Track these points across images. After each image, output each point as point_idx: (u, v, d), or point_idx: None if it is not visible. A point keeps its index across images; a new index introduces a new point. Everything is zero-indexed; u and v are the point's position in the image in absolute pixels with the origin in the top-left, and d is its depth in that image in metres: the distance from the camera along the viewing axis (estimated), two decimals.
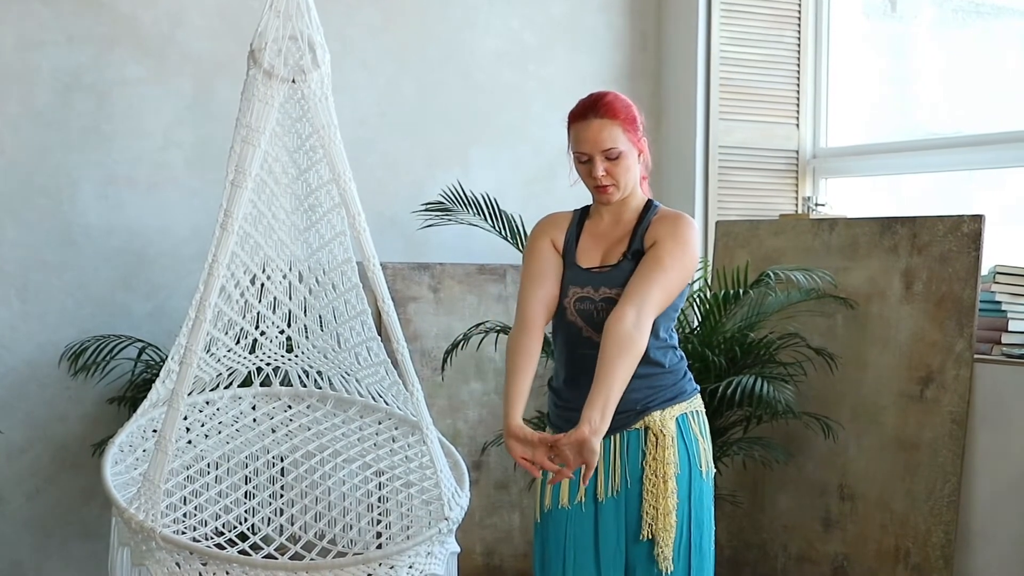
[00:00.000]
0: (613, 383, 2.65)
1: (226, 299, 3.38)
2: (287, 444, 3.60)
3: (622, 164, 2.86)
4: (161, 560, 2.89)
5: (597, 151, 2.84)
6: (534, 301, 2.88)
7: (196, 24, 4.54)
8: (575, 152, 2.89)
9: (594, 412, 2.61)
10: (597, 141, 2.84)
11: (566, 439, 2.61)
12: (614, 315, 2.73)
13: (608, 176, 2.86)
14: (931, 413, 4.15)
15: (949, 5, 5.07)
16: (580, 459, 2.61)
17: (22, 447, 4.35)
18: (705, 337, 4.24)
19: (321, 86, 3.15)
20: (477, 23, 5.02)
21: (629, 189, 2.90)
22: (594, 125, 2.84)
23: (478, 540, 4.67)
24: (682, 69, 5.18)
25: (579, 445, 2.59)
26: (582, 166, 2.89)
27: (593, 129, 2.84)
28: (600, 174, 2.85)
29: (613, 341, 2.69)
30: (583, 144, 2.86)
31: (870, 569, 4.29)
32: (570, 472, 2.64)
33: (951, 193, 4.99)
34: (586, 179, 2.90)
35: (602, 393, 2.64)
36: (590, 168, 2.86)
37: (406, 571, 2.98)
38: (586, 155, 2.86)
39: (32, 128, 4.32)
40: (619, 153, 2.84)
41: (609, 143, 2.83)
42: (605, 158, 2.84)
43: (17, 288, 4.32)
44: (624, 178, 2.87)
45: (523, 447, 2.69)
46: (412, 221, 4.68)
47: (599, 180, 2.86)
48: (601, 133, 2.83)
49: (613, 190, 2.88)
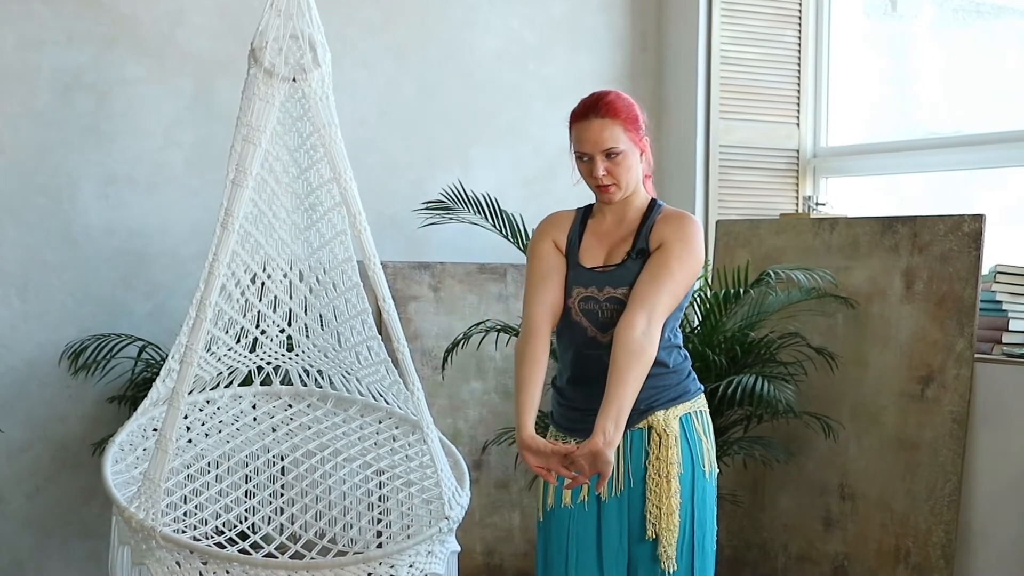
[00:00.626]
0: (626, 392, 2.67)
1: (227, 298, 3.38)
2: (287, 443, 3.60)
3: (623, 164, 2.86)
4: (161, 559, 2.89)
5: (598, 151, 2.84)
6: (539, 307, 2.88)
7: (196, 23, 4.54)
8: (576, 152, 2.88)
9: (608, 422, 2.63)
10: (598, 141, 2.83)
11: (580, 451, 2.64)
12: (624, 322, 2.74)
13: (609, 176, 2.86)
14: (932, 413, 4.14)
15: (949, 5, 5.07)
16: (594, 469, 2.64)
17: (22, 446, 4.35)
18: (706, 336, 4.24)
19: (322, 85, 3.16)
20: (477, 22, 5.02)
21: (631, 188, 2.90)
22: (595, 125, 2.84)
23: (478, 539, 4.67)
24: (682, 68, 5.18)
25: (593, 456, 2.62)
26: (583, 165, 2.88)
27: (594, 129, 2.84)
28: (601, 174, 2.85)
29: (624, 349, 2.70)
30: (584, 144, 2.85)
31: (870, 569, 4.28)
32: (585, 479, 2.67)
33: (952, 193, 4.99)
34: (587, 178, 2.90)
35: (615, 403, 2.65)
36: (591, 168, 2.86)
37: (406, 570, 2.98)
38: (587, 155, 2.86)
39: (32, 128, 4.32)
40: (620, 153, 2.84)
41: (610, 143, 2.83)
42: (606, 157, 2.84)
43: (17, 287, 4.32)
44: (625, 177, 2.87)
45: (537, 458, 2.71)
46: (412, 220, 4.68)
47: (600, 180, 2.86)
48: (602, 133, 2.83)
49: (614, 190, 2.88)
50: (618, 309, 2.82)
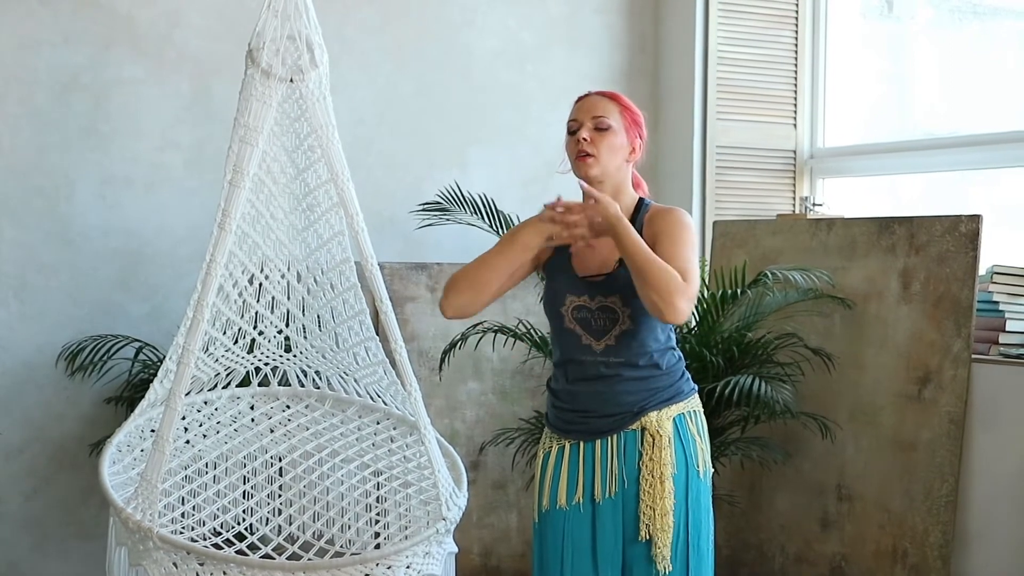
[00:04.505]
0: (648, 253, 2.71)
1: (224, 299, 3.38)
2: (285, 444, 3.60)
3: (608, 139, 2.86)
4: (158, 560, 2.89)
5: (588, 117, 2.87)
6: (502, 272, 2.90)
7: (194, 24, 4.54)
8: (568, 123, 2.91)
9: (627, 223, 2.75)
10: (591, 109, 2.89)
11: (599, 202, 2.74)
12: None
13: (591, 144, 2.85)
14: (929, 413, 4.15)
15: (946, 5, 5.07)
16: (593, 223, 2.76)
17: (19, 447, 4.35)
18: (703, 337, 4.24)
19: (319, 86, 3.16)
20: (475, 23, 5.02)
21: (610, 173, 2.87)
22: (593, 98, 2.92)
23: (476, 540, 4.67)
24: (680, 69, 5.19)
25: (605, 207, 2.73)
26: (570, 137, 2.90)
27: (591, 100, 2.91)
28: (583, 137, 2.85)
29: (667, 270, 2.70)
30: (577, 112, 2.91)
31: (868, 569, 4.29)
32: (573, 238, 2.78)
33: (948, 193, 4.99)
34: (570, 150, 2.90)
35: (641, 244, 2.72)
36: (577, 140, 2.87)
37: (404, 571, 2.98)
38: (577, 122, 2.88)
39: (30, 128, 4.32)
40: (608, 126, 2.86)
41: (601, 111, 2.87)
42: (594, 127, 2.86)
43: (14, 288, 4.31)
44: (607, 155, 2.86)
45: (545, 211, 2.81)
46: (410, 221, 4.68)
47: (581, 146, 2.85)
48: (597, 104, 2.89)
49: (592, 161, 2.86)
50: (611, 317, 2.83)
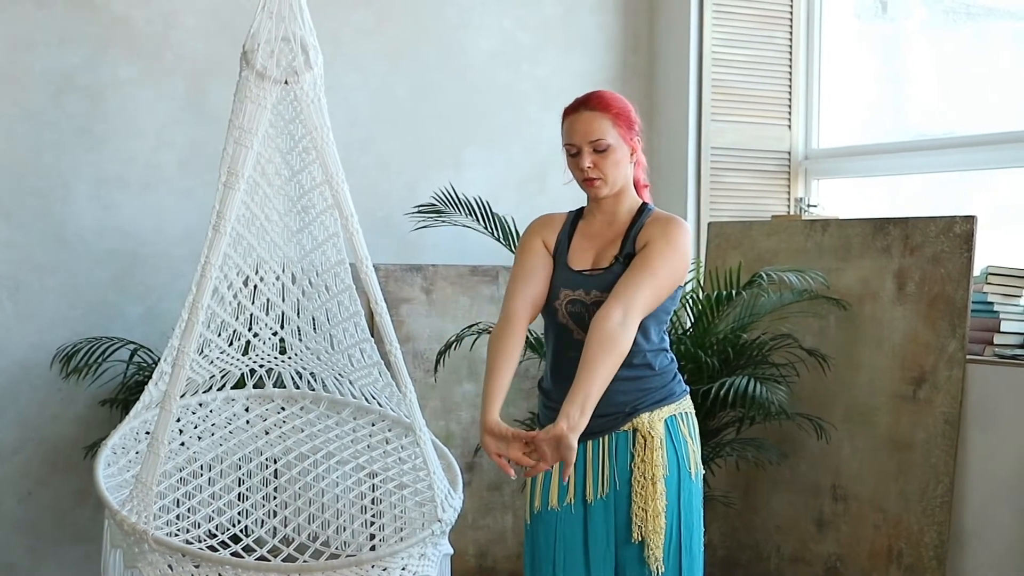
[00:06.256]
0: (594, 381, 2.64)
1: (219, 301, 3.38)
2: (280, 446, 3.59)
3: (610, 158, 2.86)
4: (154, 562, 2.89)
5: (585, 142, 2.85)
6: (520, 299, 2.88)
7: (189, 25, 4.54)
8: (565, 145, 2.90)
9: (573, 408, 2.60)
10: (586, 132, 2.85)
11: (543, 435, 2.60)
12: (600, 313, 2.73)
13: (595, 169, 2.86)
14: (924, 414, 4.15)
15: (940, 6, 5.08)
16: (558, 455, 2.59)
17: (14, 449, 4.34)
18: (698, 338, 4.25)
19: (314, 87, 3.16)
20: (470, 24, 5.02)
21: (618, 185, 2.90)
22: (584, 116, 2.86)
23: (471, 542, 4.66)
24: (674, 70, 5.19)
25: (556, 441, 2.58)
26: (572, 159, 2.89)
27: (583, 120, 2.86)
28: (587, 166, 2.85)
29: (597, 339, 2.68)
30: (572, 135, 2.87)
31: (863, 570, 4.29)
32: (547, 465, 2.62)
33: (943, 194, 4.99)
34: (575, 172, 2.90)
35: (582, 390, 2.63)
36: (579, 161, 2.87)
37: (399, 573, 2.98)
38: (575, 147, 2.87)
39: (24, 129, 4.31)
40: (607, 146, 2.85)
41: (597, 134, 2.84)
42: (593, 150, 2.85)
43: (9, 289, 4.31)
44: (612, 173, 2.87)
45: (497, 443, 2.67)
46: (405, 222, 4.68)
47: (586, 172, 2.86)
48: (591, 124, 2.85)
49: (600, 184, 2.87)
50: None
